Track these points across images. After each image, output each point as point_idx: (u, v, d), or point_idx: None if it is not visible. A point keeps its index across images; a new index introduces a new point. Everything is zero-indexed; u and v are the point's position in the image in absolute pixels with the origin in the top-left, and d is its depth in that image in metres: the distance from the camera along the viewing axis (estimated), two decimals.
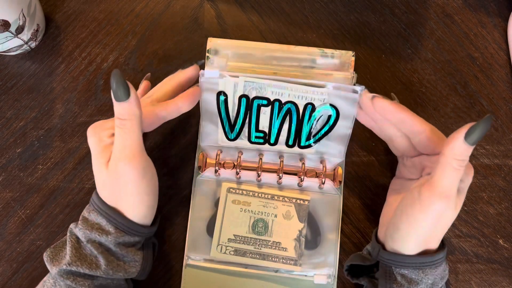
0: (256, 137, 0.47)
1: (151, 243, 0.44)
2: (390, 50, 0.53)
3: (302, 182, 0.49)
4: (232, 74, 0.44)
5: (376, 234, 0.44)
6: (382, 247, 0.42)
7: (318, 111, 0.44)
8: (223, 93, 0.44)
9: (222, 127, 0.46)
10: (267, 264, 0.47)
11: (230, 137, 0.47)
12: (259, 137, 0.47)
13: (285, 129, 0.46)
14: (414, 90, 0.52)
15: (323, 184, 0.48)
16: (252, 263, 0.47)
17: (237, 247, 0.47)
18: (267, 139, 0.47)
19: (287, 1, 0.54)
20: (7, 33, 0.45)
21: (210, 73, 0.44)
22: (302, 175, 0.48)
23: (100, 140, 0.40)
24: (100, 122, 0.41)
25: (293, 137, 0.46)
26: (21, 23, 0.46)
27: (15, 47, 0.49)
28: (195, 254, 0.48)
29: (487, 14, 0.54)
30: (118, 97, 0.37)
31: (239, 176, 0.49)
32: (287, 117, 0.45)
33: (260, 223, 0.48)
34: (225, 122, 0.46)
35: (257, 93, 0.44)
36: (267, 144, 0.47)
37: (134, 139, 0.38)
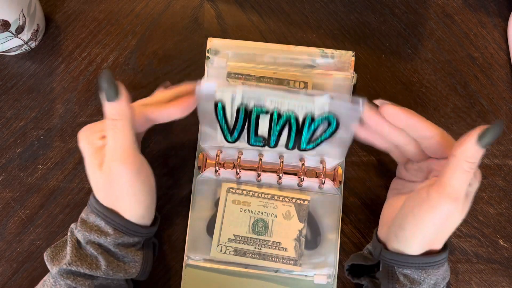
0: (256, 141, 0.46)
1: (151, 243, 0.44)
2: (390, 50, 0.53)
3: (302, 182, 0.49)
4: (229, 86, 0.42)
5: (376, 233, 0.44)
6: (384, 247, 0.42)
7: (318, 121, 0.43)
8: (220, 102, 0.43)
9: (221, 131, 0.46)
10: (267, 264, 0.47)
11: (230, 140, 0.47)
12: (259, 141, 0.46)
13: (284, 135, 0.45)
14: (414, 90, 0.52)
15: (323, 184, 0.48)
16: (252, 263, 0.47)
17: (237, 247, 0.47)
18: (266, 143, 0.47)
19: (287, 1, 0.54)
20: (7, 33, 0.45)
21: (207, 86, 0.42)
22: (302, 175, 0.48)
23: (91, 143, 0.40)
24: (89, 125, 0.41)
25: (292, 142, 0.45)
26: (21, 23, 0.46)
27: (15, 47, 0.49)
28: (195, 254, 0.48)
29: (487, 14, 0.54)
30: (109, 96, 0.37)
31: (239, 176, 0.49)
32: (287, 125, 0.44)
33: (260, 223, 0.48)
34: (224, 128, 0.45)
35: (256, 102, 0.42)
36: (266, 147, 0.47)
37: (126, 139, 0.38)
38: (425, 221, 0.38)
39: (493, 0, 0.54)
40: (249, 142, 0.46)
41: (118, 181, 0.38)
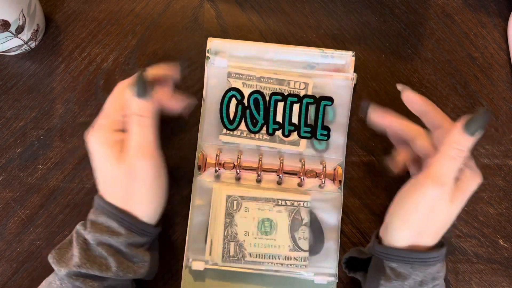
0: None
1: (157, 243, 0.44)
2: (390, 50, 0.53)
3: (302, 182, 0.49)
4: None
5: (378, 231, 0.44)
6: (378, 242, 0.42)
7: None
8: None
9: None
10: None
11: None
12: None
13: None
14: (414, 90, 0.52)
15: (323, 184, 0.48)
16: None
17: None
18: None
19: (287, 1, 0.54)
20: (7, 33, 0.45)
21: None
22: (302, 175, 0.48)
23: (107, 138, 0.40)
24: (96, 125, 0.41)
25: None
26: (21, 23, 0.46)
27: (15, 47, 0.49)
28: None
29: (487, 14, 0.54)
30: (142, 94, 0.38)
31: (239, 176, 0.49)
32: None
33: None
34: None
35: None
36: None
37: (152, 136, 0.40)
38: (411, 205, 0.39)
39: (493, 0, 0.54)
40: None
41: (140, 177, 0.39)
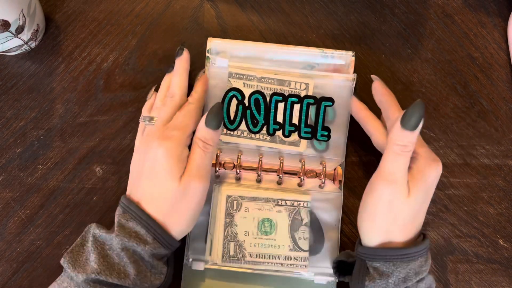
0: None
1: (173, 258, 0.44)
2: (390, 50, 0.53)
3: (302, 182, 0.49)
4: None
5: None
6: (361, 244, 0.43)
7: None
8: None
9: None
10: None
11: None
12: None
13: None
14: (414, 90, 0.52)
15: (323, 184, 0.48)
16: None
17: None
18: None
19: (287, 1, 0.54)
20: (7, 33, 0.45)
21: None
22: (302, 175, 0.48)
23: (178, 154, 0.41)
24: (170, 136, 0.41)
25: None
26: (21, 23, 0.46)
27: (15, 47, 0.49)
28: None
29: (487, 14, 0.54)
30: (212, 125, 0.41)
31: (239, 176, 0.49)
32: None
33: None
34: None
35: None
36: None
37: (210, 163, 0.43)
38: (371, 206, 0.40)
39: (493, 0, 0.54)
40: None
41: (191, 197, 0.41)
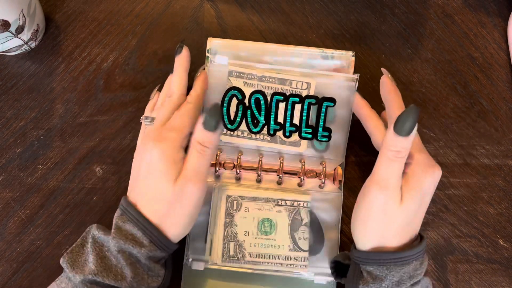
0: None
1: (171, 260, 0.44)
2: (390, 50, 0.53)
3: (302, 182, 0.49)
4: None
5: None
6: (355, 247, 0.43)
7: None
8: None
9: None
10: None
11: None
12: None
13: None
14: (414, 90, 0.52)
15: (323, 184, 0.48)
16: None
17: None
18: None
19: (287, 1, 0.54)
20: (7, 33, 0.45)
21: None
22: (302, 176, 0.48)
23: (173, 155, 0.40)
24: (166, 137, 0.40)
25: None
26: (21, 23, 0.46)
27: (15, 47, 0.49)
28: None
29: (487, 14, 0.54)
30: (210, 127, 0.39)
31: (239, 176, 0.49)
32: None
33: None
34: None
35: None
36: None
37: (207, 165, 0.41)
38: (365, 211, 0.40)
39: (493, 0, 0.54)
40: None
41: (187, 200, 0.40)
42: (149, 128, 0.43)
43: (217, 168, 0.48)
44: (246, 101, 0.49)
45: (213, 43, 0.50)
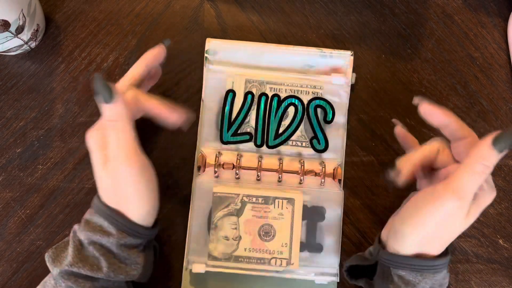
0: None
1: (152, 245, 0.44)
2: (390, 50, 0.53)
3: (302, 182, 0.49)
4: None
5: (380, 235, 0.44)
6: (383, 248, 0.42)
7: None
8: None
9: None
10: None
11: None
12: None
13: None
14: (414, 90, 0.52)
15: (323, 184, 0.48)
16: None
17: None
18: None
19: (287, 1, 0.54)
20: (7, 33, 0.45)
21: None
22: (302, 175, 0.48)
23: (101, 140, 0.40)
24: (97, 125, 0.41)
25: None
26: (21, 23, 0.46)
27: (15, 47, 0.49)
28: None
29: (487, 14, 0.54)
30: (105, 99, 0.38)
31: (239, 176, 0.49)
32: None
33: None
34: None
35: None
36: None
37: (128, 139, 0.39)
38: (426, 214, 0.38)
39: (493, 0, 0.54)
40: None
41: (123, 181, 0.39)
42: None
43: (216, 169, 0.48)
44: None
45: (211, 44, 0.50)
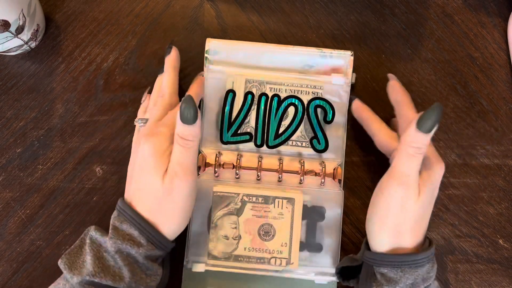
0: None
1: (168, 258, 0.44)
2: (390, 50, 0.53)
3: (302, 182, 0.49)
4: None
5: (367, 238, 0.44)
6: (368, 249, 0.42)
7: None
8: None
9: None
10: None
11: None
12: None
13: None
14: (414, 90, 0.52)
15: (323, 184, 0.48)
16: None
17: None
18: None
19: (287, 1, 0.54)
20: (7, 33, 0.45)
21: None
22: (302, 175, 0.48)
23: (163, 149, 0.40)
24: (156, 131, 0.41)
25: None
26: (21, 23, 0.46)
27: (15, 47, 0.49)
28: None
29: (487, 14, 0.54)
30: (187, 120, 0.39)
31: (239, 176, 0.49)
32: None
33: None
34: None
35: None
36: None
37: (193, 158, 0.40)
38: (381, 207, 0.40)
39: (493, 0, 0.54)
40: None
41: (176, 196, 0.40)
42: (143, 128, 0.44)
43: (216, 169, 0.48)
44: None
45: (211, 44, 0.50)
